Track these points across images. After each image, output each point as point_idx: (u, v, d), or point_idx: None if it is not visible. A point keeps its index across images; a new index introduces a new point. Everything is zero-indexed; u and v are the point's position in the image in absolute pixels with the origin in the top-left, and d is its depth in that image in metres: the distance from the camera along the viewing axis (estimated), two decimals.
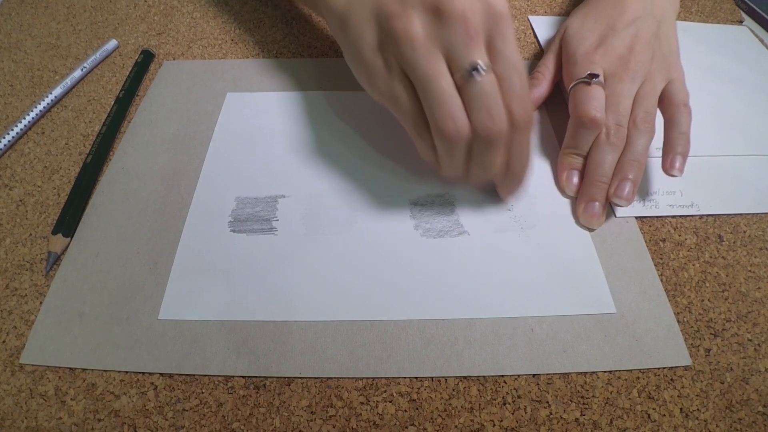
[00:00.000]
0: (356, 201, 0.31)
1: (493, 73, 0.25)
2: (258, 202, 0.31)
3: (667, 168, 0.29)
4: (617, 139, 0.30)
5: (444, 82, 0.24)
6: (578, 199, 0.30)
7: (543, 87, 0.35)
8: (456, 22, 0.24)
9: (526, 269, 0.28)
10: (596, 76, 0.31)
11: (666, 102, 0.31)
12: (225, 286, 0.27)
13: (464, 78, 0.24)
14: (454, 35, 0.24)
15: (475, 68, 0.24)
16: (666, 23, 0.34)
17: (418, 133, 0.27)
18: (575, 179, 0.31)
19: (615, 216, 0.30)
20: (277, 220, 0.30)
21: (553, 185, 0.31)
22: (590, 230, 0.29)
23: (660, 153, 0.30)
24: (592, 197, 0.29)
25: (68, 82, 0.38)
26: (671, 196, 0.31)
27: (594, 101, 0.30)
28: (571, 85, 0.32)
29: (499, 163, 0.27)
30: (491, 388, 0.24)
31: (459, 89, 0.25)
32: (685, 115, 0.30)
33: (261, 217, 0.30)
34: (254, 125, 0.35)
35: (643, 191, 0.31)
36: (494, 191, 0.30)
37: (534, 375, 0.24)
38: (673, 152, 0.29)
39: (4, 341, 0.25)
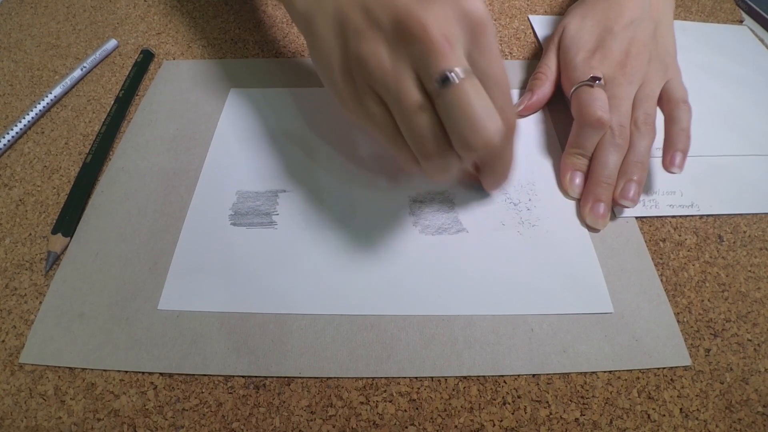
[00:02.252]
0: (356, 197, 0.31)
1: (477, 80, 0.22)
2: (259, 197, 0.31)
3: (667, 165, 0.29)
4: (622, 140, 0.30)
5: (409, 100, 0.22)
6: (583, 200, 0.30)
7: (547, 87, 0.35)
8: (418, 34, 0.21)
9: (525, 268, 0.28)
10: (598, 78, 0.31)
11: (665, 100, 0.31)
12: (224, 278, 0.27)
13: (435, 91, 0.22)
14: (419, 49, 0.22)
15: (444, 77, 0.21)
16: (663, 24, 0.35)
17: (396, 146, 0.25)
18: (578, 180, 0.31)
19: (616, 216, 0.30)
20: (277, 214, 0.30)
21: (554, 185, 0.31)
22: (595, 231, 0.29)
23: (660, 153, 0.30)
24: (597, 198, 0.29)
25: (68, 81, 0.38)
26: (671, 196, 0.31)
27: (599, 102, 0.30)
28: (574, 88, 0.32)
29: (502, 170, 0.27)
30: (491, 388, 0.24)
31: (435, 106, 0.22)
32: (684, 111, 0.30)
33: (261, 211, 0.30)
34: (257, 121, 0.35)
35: (644, 191, 0.31)
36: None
37: (534, 375, 0.24)
38: (674, 149, 0.29)
39: (3, 341, 0.25)
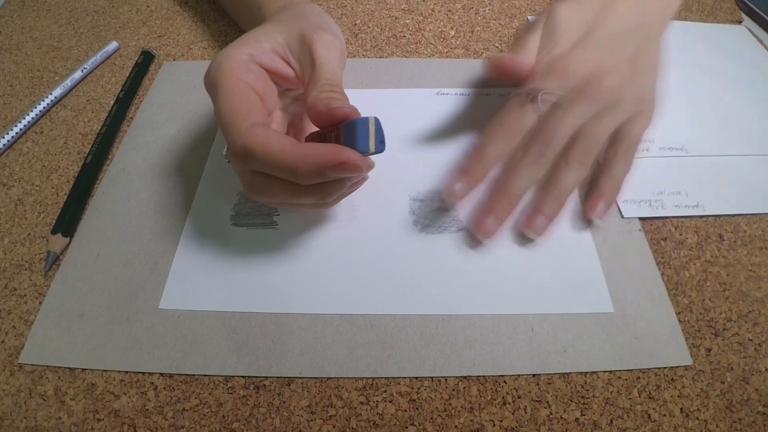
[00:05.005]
0: (356, 196, 0.30)
1: None
2: None
3: (588, 211, 0.29)
4: (537, 166, 0.28)
5: None
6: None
7: (528, 58, 0.30)
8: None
9: (525, 267, 0.28)
10: (546, 93, 0.28)
11: (615, 138, 0.29)
12: (225, 278, 0.27)
13: None
14: None
15: None
16: (653, 40, 0.31)
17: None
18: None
19: (622, 216, 0.30)
20: (278, 214, 0.30)
21: None
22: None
23: (663, 153, 0.29)
24: (496, 210, 0.28)
25: (68, 82, 0.38)
26: (677, 196, 0.31)
27: (522, 118, 0.28)
28: (513, 93, 0.29)
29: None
30: (491, 388, 0.24)
31: None
32: (626, 162, 0.29)
33: (262, 211, 0.30)
34: None
35: (649, 191, 0.31)
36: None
37: (534, 375, 0.24)
38: (599, 197, 0.29)
39: (3, 341, 0.25)
